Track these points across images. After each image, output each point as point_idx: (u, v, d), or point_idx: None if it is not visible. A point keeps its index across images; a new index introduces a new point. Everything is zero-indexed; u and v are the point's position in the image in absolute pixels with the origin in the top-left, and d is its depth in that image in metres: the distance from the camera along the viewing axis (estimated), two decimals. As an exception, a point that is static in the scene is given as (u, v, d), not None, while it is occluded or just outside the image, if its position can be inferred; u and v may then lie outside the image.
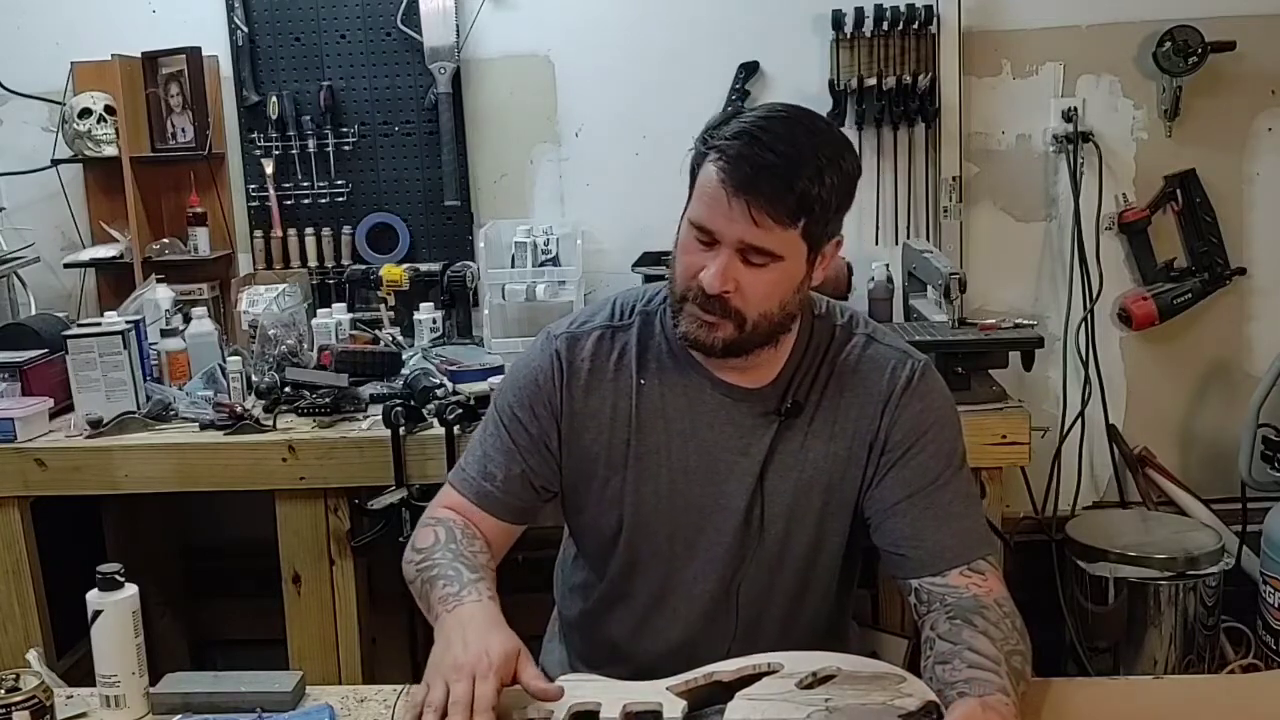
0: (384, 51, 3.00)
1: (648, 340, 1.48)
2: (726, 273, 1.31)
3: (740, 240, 1.30)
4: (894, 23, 2.83)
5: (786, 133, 1.30)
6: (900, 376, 1.44)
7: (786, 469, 1.45)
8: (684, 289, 1.36)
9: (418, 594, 1.42)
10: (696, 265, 1.34)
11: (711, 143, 1.32)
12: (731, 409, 1.44)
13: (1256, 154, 2.94)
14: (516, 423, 1.48)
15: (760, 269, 1.32)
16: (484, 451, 1.50)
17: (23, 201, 3.08)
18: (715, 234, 1.31)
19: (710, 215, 1.31)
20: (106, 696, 1.30)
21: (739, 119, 1.33)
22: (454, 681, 1.21)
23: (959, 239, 2.94)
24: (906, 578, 1.41)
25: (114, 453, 2.31)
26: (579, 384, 1.47)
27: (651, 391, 1.46)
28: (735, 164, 1.29)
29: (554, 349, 1.48)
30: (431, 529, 1.46)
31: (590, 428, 1.47)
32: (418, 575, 1.42)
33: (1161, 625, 2.61)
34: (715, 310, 1.34)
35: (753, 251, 1.31)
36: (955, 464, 1.44)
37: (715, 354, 1.38)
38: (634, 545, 1.49)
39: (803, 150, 1.29)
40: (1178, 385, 3.04)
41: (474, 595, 1.33)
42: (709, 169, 1.31)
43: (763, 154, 1.28)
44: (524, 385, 1.49)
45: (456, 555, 1.40)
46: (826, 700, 1.21)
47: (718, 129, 1.33)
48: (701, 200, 1.32)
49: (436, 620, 1.33)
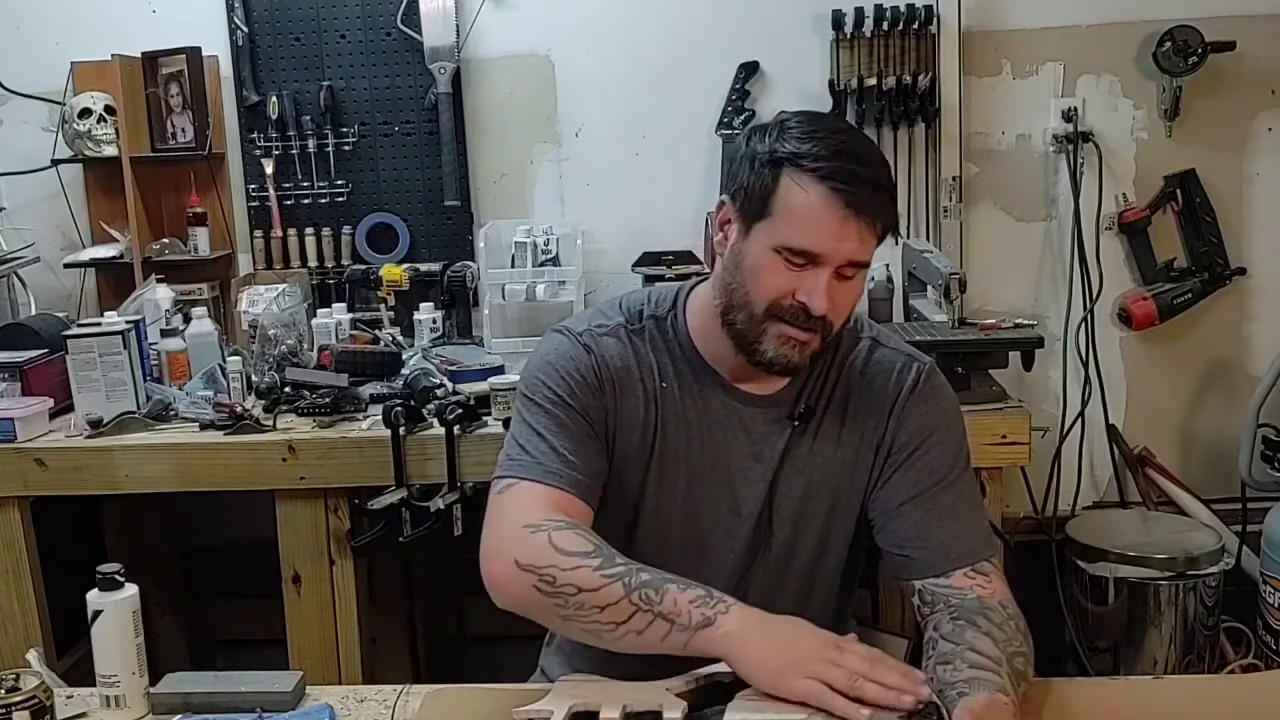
0: (384, 51, 3.00)
1: (662, 345, 1.47)
2: (832, 291, 1.32)
3: (849, 259, 1.31)
4: (894, 23, 2.83)
5: (866, 145, 1.35)
6: (906, 379, 1.45)
7: (796, 473, 1.45)
8: (769, 308, 1.34)
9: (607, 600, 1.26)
10: (786, 287, 1.32)
11: (801, 163, 1.29)
12: (745, 416, 1.45)
13: (1256, 154, 2.94)
14: (573, 411, 1.41)
15: (850, 280, 1.34)
16: (550, 442, 1.38)
17: (23, 201, 3.08)
18: (822, 255, 1.30)
19: (818, 238, 1.29)
20: (106, 696, 1.30)
21: (814, 136, 1.30)
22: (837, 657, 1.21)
23: (959, 239, 2.94)
24: (910, 579, 1.41)
25: (114, 453, 2.31)
26: (612, 382, 1.44)
27: (672, 396, 1.45)
28: (853, 183, 1.28)
29: (584, 344, 1.45)
30: (574, 533, 1.31)
31: (623, 426, 1.45)
32: (610, 580, 1.26)
33: (1161, 625, 2.61)
34: (814, 328, 1.34)
35: (851, 266, 1.32)
36: (960, 466, 1.45)
37: (802, 370, 1.39)
38: (644, 547, 1.48)
39: (883, 160, 1.35)
40: (1178, 385, 3.04)
41: (730, 598, 1.27)
42: (805, 190, 1.29)
43: (869, 172, 1.30)
44: (569, 375, 1.43)
45: (638, 563, 1.30)
46: None
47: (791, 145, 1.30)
48: (800, 222, 1.30)
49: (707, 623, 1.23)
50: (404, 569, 2.46)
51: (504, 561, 1.31)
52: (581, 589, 1.26)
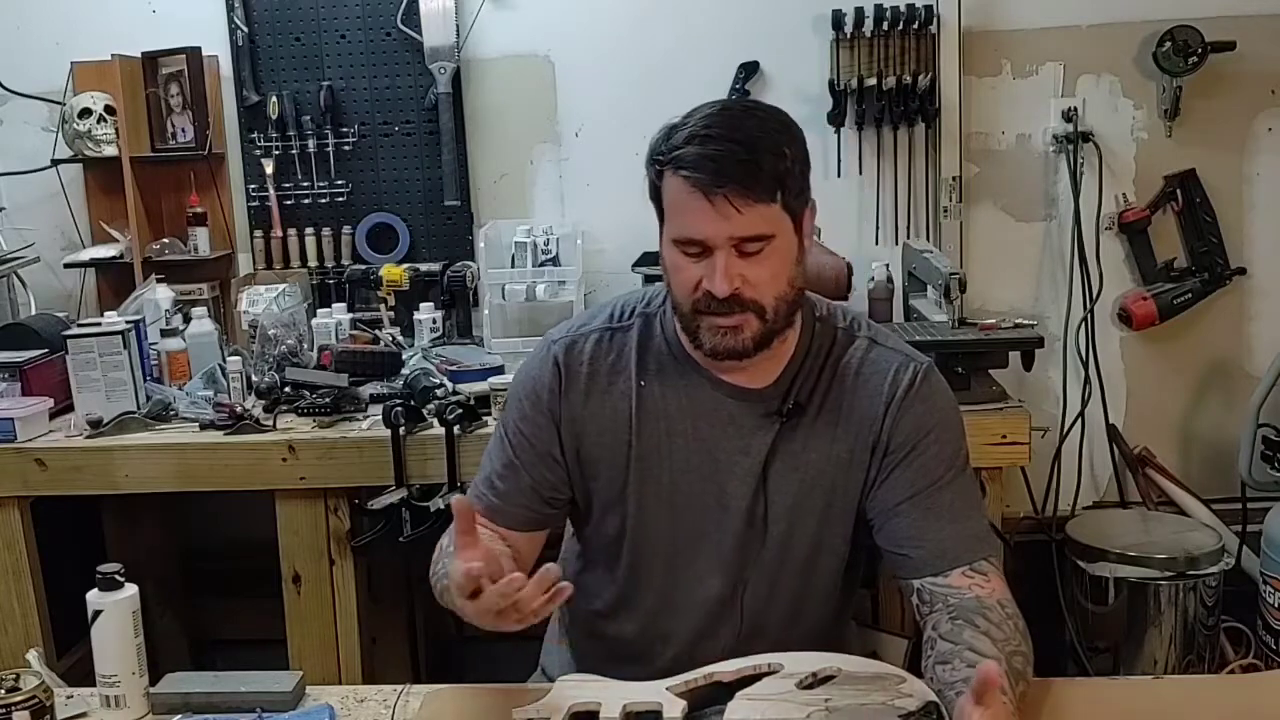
0: (384, 51, 3.00)
1: (648, 341, 1.48)
2: (730, 271, 1.32)
3: (731, 236, 1.31)
4: (894, 23, 2.83)
5: (731, 122, 1.34)
6: (903, 379, 1.45)
7: (789, 470, 1.45)
8: (691, 304, 1.36)
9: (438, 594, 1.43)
10: (695, 278, 1.35)
11: (666, 158, 1.34)
12: (733, 408, 1.45)
13: (1256, 154, 2.94)
14: (520, 435, 1.50)
15: (758, 255, 1.33)
16: (491, 467, 1.51)
17: (23, 201, 3.08)
18: (706, 240, 1.32)
19: (695, 224, 1.32)
20: (106, 696, 1.30)
21: (679, 130, 1.35)
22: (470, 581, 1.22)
23: (959, 239, 2.94)
24: (909, 578, 1.42)
25: (114, 453, 2.31)
26: (578, 389, 1.47)
27: (651, 392, 1.46)
28: (699, 166, 1.30)
29: (552, 355, 1.50)
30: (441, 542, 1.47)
31: (590, 431, 1.47)
32: (436, 582, 1.44)
33: (1161, 625, 2.61)
34: (734, 310, 1.34)
35: (746, 241, 1.32)
36: (958, 465, 1.45)
37: (749, 354, 1.38)
38: (637, 546, 1.50)
39: (752, 132, 1.33)
40: (1178, 385, 3.04)
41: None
42: (675, 183, 1.33)
43: (720, 147, 1.30)
44: (524, 396, 1.51)
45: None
46: (826, 700, 1.21)
47: (663, 144, 1.36)
48: (679, 214, 1.34)
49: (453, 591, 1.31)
50: (404, 569, 2.46)
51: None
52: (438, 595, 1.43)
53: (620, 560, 1.51)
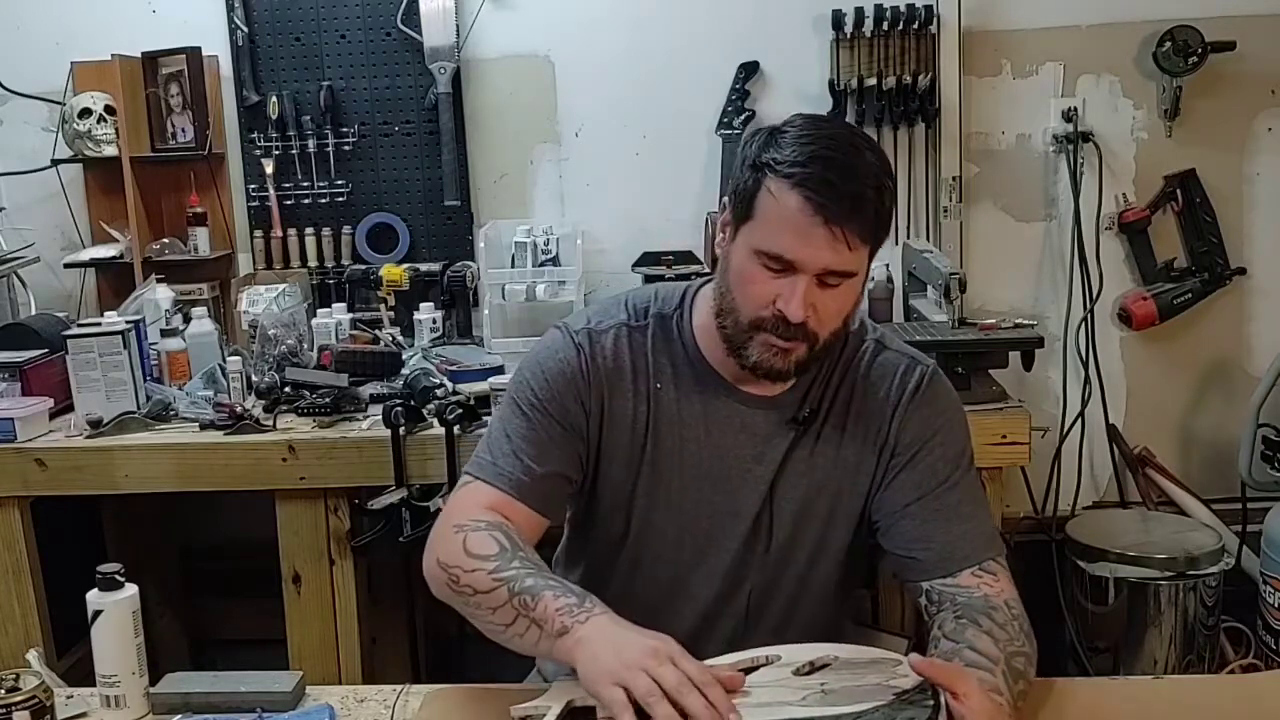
0: (384, 51, 3.00)
1: (664, 344, 1.46)
2: (808, 299, 1.30)
3: (826, 268, 1.29)
4: (894, 23, 2.83)
5: (855, 152, 1.30)
6: (909, 382, 1.45)
7: (798, 476, 1.45)
8: (755, 318, 1.33)
9: (499, 604, 1.28)
10: (769, 294, 1.31)
11: (779, 168, 1.28)
12: (747, 417, 1.44)
13: (1256, 154, 2.94)
14: (546, 415, 1.43)
15: (835, 289, 1.32)
16: (514, 444, 1.42)
17: (23, 201, 3.08)
18: (798, 263, 1.29)
19: (797, 246, 1.28)
20: (106, 696, 1.30)
21: (800, 140, 1.29)
22: (655, 668, 1.13)
23: (959, 239, 2.94)
24: (917, 580, 1.41)
25: (114, 453, 2.31)
26: (604, 381, 1.45)
27: (668, 396, 1.45)
28: (825, 191, 1.26)
29: (576, 343, 1.45)
30: (488, 534, 1.34)
31: (612, 426, 1.45)
32: (499, 585, 1.28)
33: (1161, 625, 2.61)
34: (796, 336, 1.33)
35: (832, 275, 1.30)
36: (964, 466, 1.45)
37: (789, 378, 1.38)
38: (640, 548, 1.49)
39: (875, 169, 1.30)
40: (1178, 385, 3.04)
41: (600, 607, 1.25)
42: (788, 197, 1.28)
43: (848, 179, 1.27)
44: (553, 377, 1.44)
45: (537, 566, 1.31)
46: (822, 684, 1.21)
47: (776, 152, 1.29)
48: (780, 229, 1.29)
49: (564, 633, 1.22)
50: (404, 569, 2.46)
51: (430, 558, 1.37)
52: (477, 590, 1.30)
53: (620, 559, 1.51)
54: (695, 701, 1.10)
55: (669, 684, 1.11)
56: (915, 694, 1.18)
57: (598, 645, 1.19)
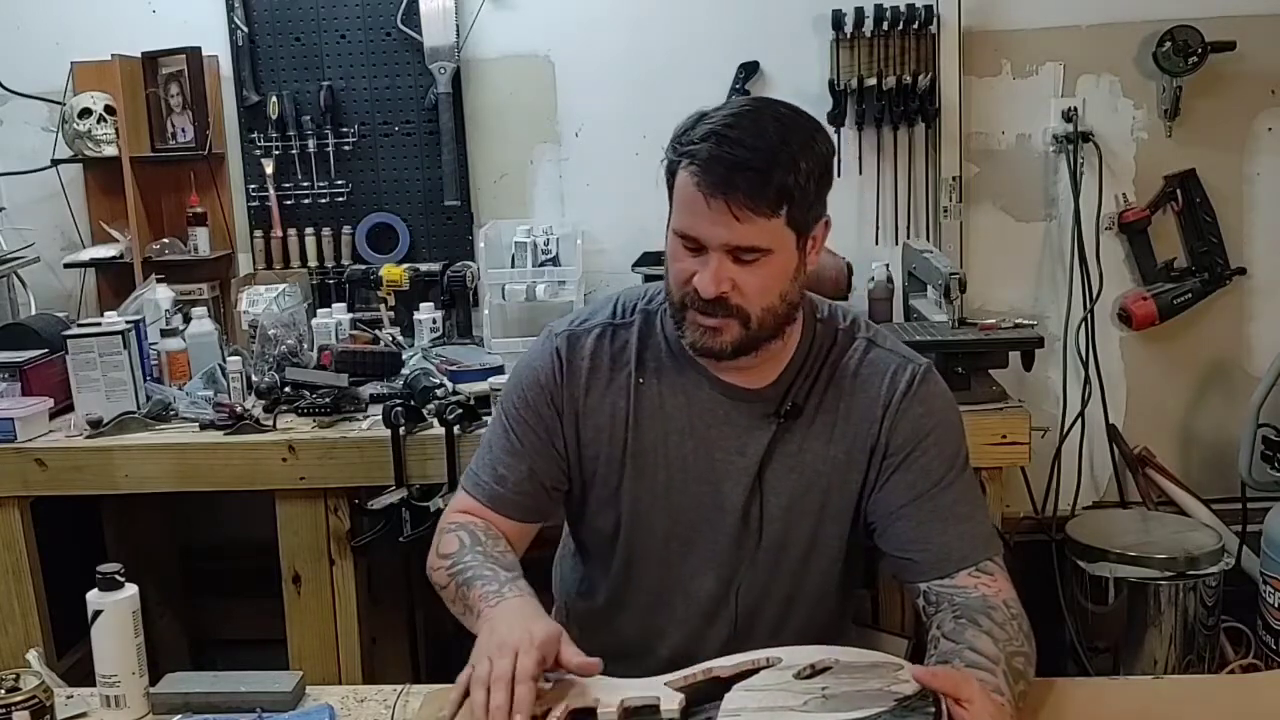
0: (384, 51, 3.00)
1: (647, 339, 1.48)
2: (719, 275, 1.31)
3: (726, 242, 1.30)
4: (894, 23, 2.83)
5: (754, 126, 1.30)
6: (900, 381, 1.44)
7: (785, 471, 1.45)
8: (680, 296, 1.37)
9: (452, 598, 1.42)
10: (688, 272, 1.34)
11: (681, 149, 1.32)
12: (730, 409, 1.44)
13: (1256, 154, 2.94)
14: (523, 424, 1.48)
15: (752, 265, 1.32)
16: (493, 454, 1.50)
17: (23, 201, 3.08)
18: (700, 239, 1.32)
19: (693, 222, 1.31)
20: (106, 696, 1.30)
21: (705, 120, 1.32)
22: (497, 658, 1.21)
23: (959, 239, 2.94)
24: (915, 581, 1.41)
25: (114, 453, 2.31)
26: (579, 382, 1.47)
27: (650, 390, 1.46)
28: (708, 167, 1.28)
29: (554, 347, 1.49)
30: (454, 534, 1.45)
31: (590, 426, 1.47)
32: (450, 580, 1.41)
33: (1161, 625, 2.61)
34: (717, 312, 1.34)
35: (741, 250, 1.31)
36: (958, 466, 1.44)
37: (726, 357, 1.38)
38: (632, 544, 1.50)
39: (772, 140, 1.29)
40: (1178, 385, 3.04)
41: (514, 591, 1.34)
42: (683, 176, 1.31)
43: (733, 151, 1.28)
44: (527, 385, 1.49)
45: (487, 556, 1.41)
46: (823, 689, 1.21)
47: (685, 134, 1.33)
48: (682, 208, 1.33)
49: (479, 617, 1.33)
50: (404, 569, 2.46)
51: (426, 561, 1.50)
52: (442, 587, 1.44)
53: (614, 557, 1.51)
54: (480, 696, 1.19)
55: (480, 674, 1.21)
56: (916, 700, 1.18)
57: (488, 627, 1.29)
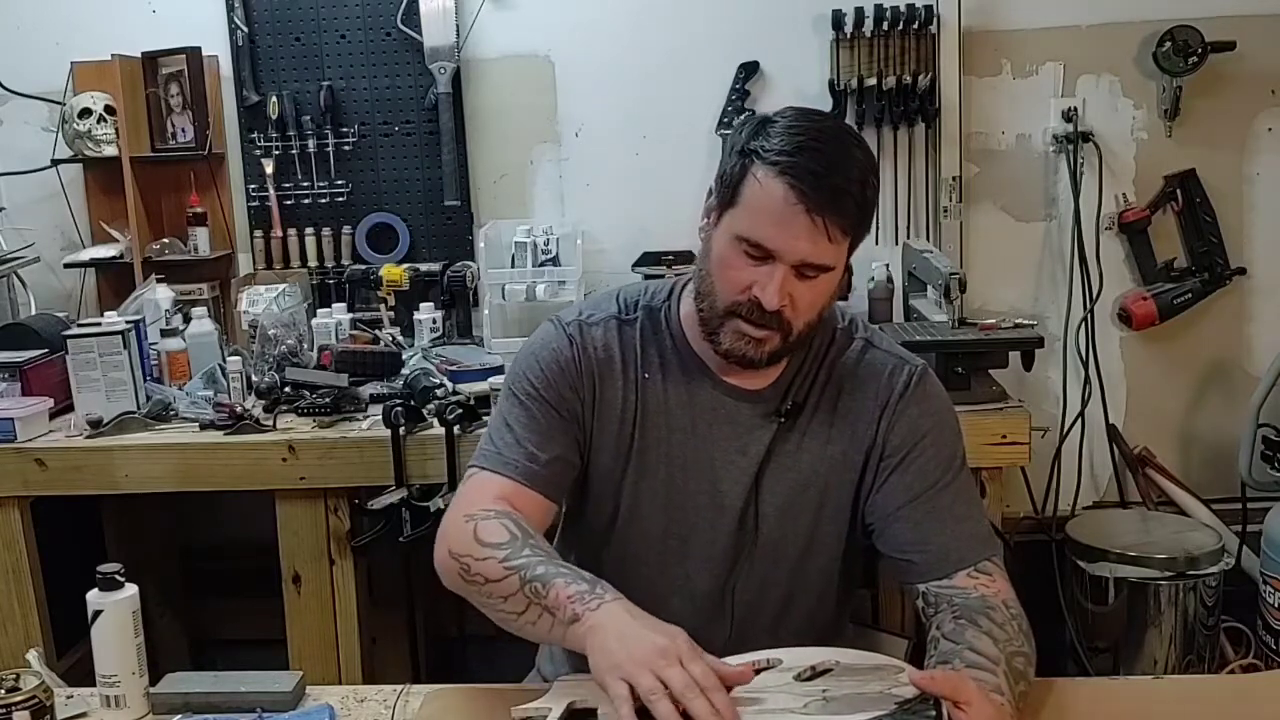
0: (384, 51, 3.00)
1: (651, 336, 1.48)
2: (784, 288, 1.31)
3: (804, 258, 1.30)
4: (894, 23, 2.83)
5: (843, 146, 1.31)
6: (897, 382, 1.45)
7: (783, 470, 1.45)
8: (729, 303, 1.35)
9: (510, 592, 1.28)
10: (745, 280, 1.32)
11: (765, 156, 1.29)
12: (732, 409, 1.45)
13: (1256, 154, 2.94)
14: (544, 403, 1.44)
15: (812, 280, 1.32)
16: (516, 433, 1.43)
17: (23, 201, 3.08)
18: (776, 251, 1.30)
19: (775, 233, 1.29)
20: (106, 696, 1.30)
21: (789, 131, 1.30)
22: (663, 668, 1.13)
23: (959, 239, 2.94)
24: (914, 583, 1.41)
25: (114, 453, 2.31)
26: (594, 370, 1.46)
27: (655, 387, 1.46)
28: (808, 182, 1.27)
29: (568, 334, 1.47)
30: (497, 522, 1.34)
31: (600, 416, 1.47)
32: (511, 573, 1.28)
33: (1161, 625, 2.61)
34: (769, 324, 1.33)
35: (809, 266, 1.31)
36: (956, 467, 1.45)
37: (760, 366, 1.38)
38: (628, 539, 1.50)
39: (859, 163, 1.31)
40: (1178, 385, 3.04)
41: (612, 593, 1.25)
42: (772, 185, 1.28)
43: (833, 174, 1.28)
44: (547, 365, 1.46)
45: (549, 554, 1.32)
46: (824, 691, 1.21)
47: (760, 137, 1.31)
48: (762, 216, 1.30)
49: (576, 621, 1.22)
50: (404, 569, 2.46)
51: (442, 549, 1.38)
52: (488, 579, 1.31)
53: (608, 552, 1.51)
54: (700, 706, 1.10)
55: (675, 686, 1.11)
56: (917, 703, 1.18)
57: (608, 635, 1.19)
